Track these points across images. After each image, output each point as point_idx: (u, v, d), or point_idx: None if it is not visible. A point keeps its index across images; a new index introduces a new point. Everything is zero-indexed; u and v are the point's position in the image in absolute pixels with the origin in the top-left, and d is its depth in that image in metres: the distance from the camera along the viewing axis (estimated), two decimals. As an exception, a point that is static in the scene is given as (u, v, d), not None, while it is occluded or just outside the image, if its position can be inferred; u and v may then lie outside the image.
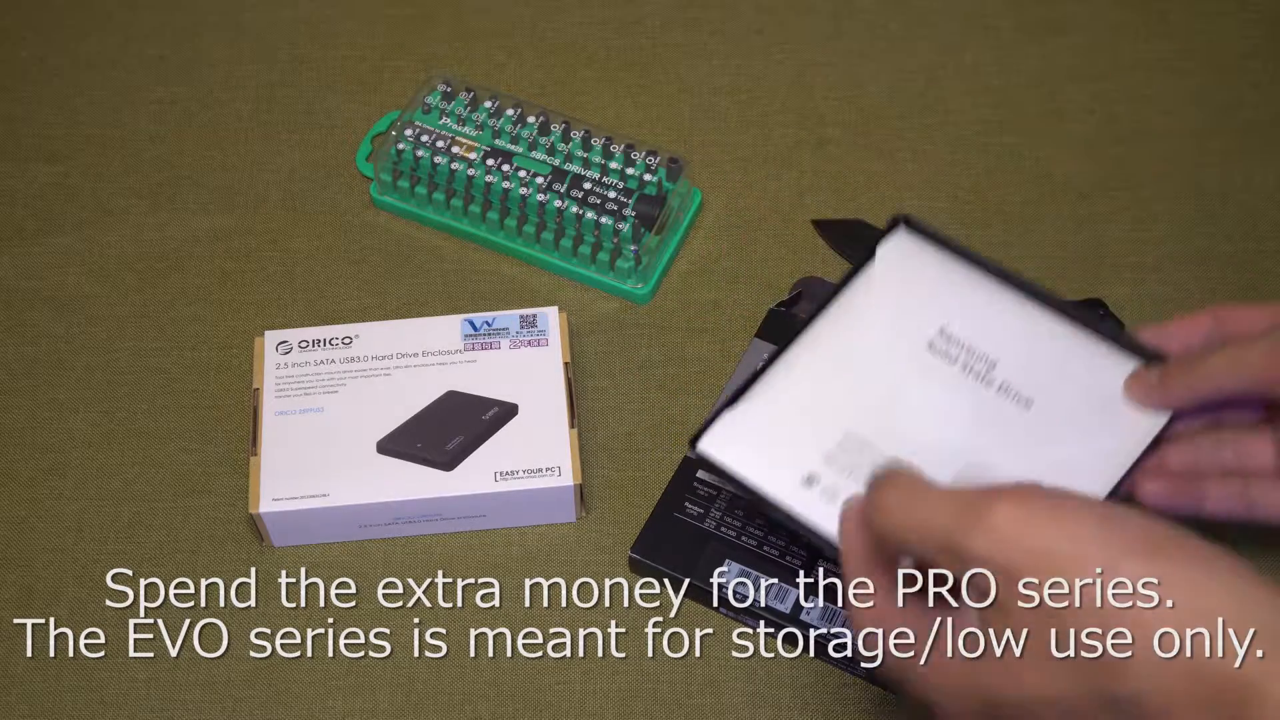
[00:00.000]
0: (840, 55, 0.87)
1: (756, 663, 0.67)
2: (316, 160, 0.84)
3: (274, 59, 0.88)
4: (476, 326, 0.74)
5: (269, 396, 0.71)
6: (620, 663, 0.68)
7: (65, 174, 0.83)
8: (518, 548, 0.71)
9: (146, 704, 0.67)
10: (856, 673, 0.67)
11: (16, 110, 0.86)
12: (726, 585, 0.67)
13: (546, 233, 0.77)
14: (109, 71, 0.87)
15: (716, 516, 0.69)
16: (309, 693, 0.67)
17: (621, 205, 0.76)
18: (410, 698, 0.67)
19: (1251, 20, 0.87)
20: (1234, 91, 0.84)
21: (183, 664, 0.68)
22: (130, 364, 0.77)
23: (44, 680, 0.68)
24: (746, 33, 0.88)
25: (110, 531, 0.72)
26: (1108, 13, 0.87)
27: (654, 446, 0.73)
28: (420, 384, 0.72)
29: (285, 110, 0.86)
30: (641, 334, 0.77)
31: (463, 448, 0.69)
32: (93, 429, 0.75)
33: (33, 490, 0.73)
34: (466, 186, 0.78)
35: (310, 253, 0.80)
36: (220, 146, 0.84)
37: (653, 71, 0.86)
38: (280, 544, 0.71)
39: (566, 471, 0.69)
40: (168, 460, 0.74)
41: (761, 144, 0.83)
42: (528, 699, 0.67)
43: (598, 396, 0.75)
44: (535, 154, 0.78)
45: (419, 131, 0.79)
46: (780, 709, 0.66)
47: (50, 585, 0.70)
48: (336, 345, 0.73)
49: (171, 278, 0.80)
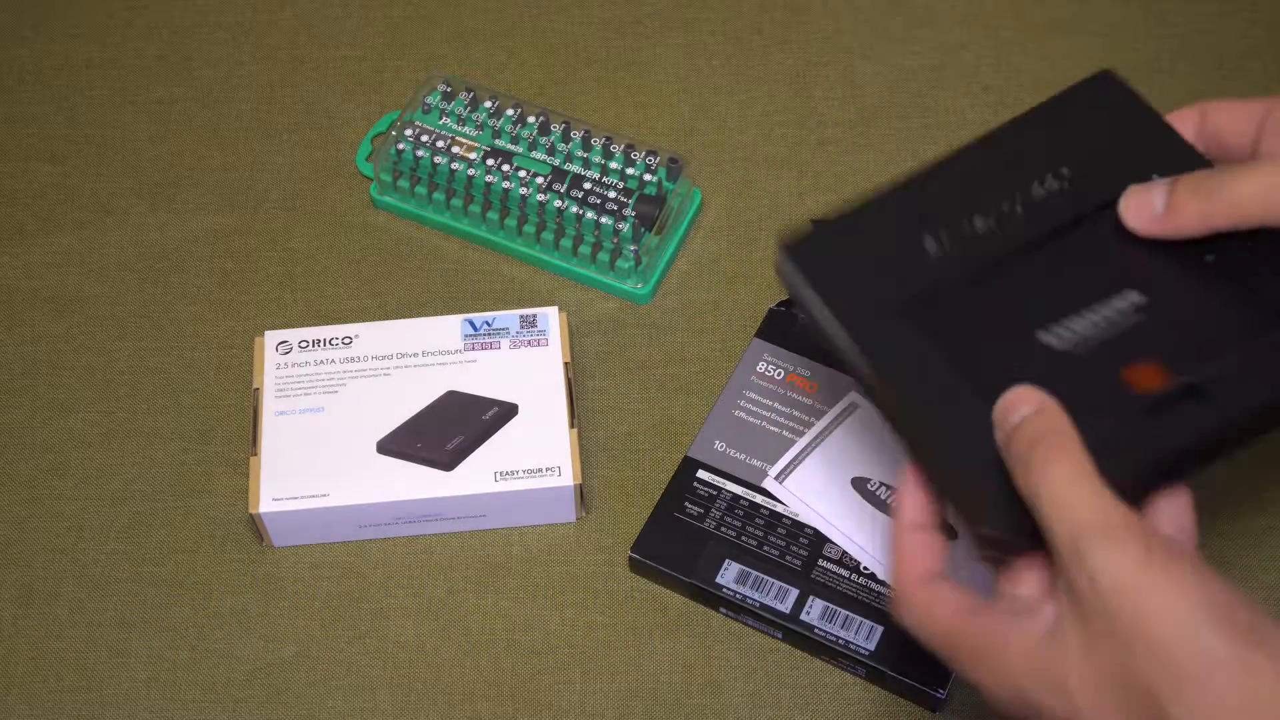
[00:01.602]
0: (840, 55, 0.87)
1: (756, 663, 0.67)
2: (316, 160, 0.84)
3: (274, 59, 0.88)
4: (476, 326, 0.74)
5: (269, 396, 0.71)
6: (620, 663, 0.68)
7: (65, 174, 0.83)
8: (518, 548, 0.71)
9: (146, 704, 0.67)
10: (857, 673, 0.67)
11: (16, 110, 0.86)
12: (726, 585, 0.67)
13: (546, 233, 0.77)
14: (109, 71, 0.87)
15: (716, 516, 0.69)
16: (309, 693, 0.67)
17: (621, 205, 0.76)
18: (410, 698, 0.67)
19: (1251, 20, 0.87)
20: (1234, 92, 0.84)
21: (183, 664, 0.68)
22: (130, 364, 0.77)
23: (44, 680, 0.68)
24: (746, 33, 0.88)
25: (110, 531, 0.72)
26: (1108, 13, 0.87)
27: (654, 446, 0.73)
28: (420, 384, 0.72)
29: (285, 110, 0.86)
30: (641, 334, 0.77)
31: (463, 448, 0.69)
32: (93, 429, 0.75)
33: (33, 490, 0.73)
34: (466, 186, 0.78)
35: (310, 253, 0.80)
36: (220, 146, 0.84)
37: (653, 71, 0.86)
38: (280, 544, 0.71)
39: (566, 471, 0.69)
40: (168, 460, 0.74)
41: (761, 144, 0.83)
42: (528, 699, 0.67)
43: (598, 396, 0.75)
44: (535, 154, 0.78)
45: (419, 131, 0.79)
46: (780, 709, 0.66)
47: (50, 585, 0.70)
48: (336, 345, 0.73)
49: (171, 278, 0.80)
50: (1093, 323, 0.51)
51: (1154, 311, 0.51)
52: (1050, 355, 0.51)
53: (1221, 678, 0.42)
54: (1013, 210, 0.55)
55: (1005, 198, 0.55)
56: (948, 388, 0.51)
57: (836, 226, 0.56)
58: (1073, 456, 0.46)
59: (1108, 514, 0.45)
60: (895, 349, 0.52)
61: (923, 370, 0.51)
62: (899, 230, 0.55)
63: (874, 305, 0.53)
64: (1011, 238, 0.54)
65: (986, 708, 0.66)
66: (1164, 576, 0.43)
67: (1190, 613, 0.43)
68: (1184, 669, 0.43)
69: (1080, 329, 0.51)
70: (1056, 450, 0.46)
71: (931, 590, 0.49)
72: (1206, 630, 0.43)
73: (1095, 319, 0.52)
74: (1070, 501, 0.45)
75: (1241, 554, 0.69)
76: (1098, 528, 0.44)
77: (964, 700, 0.66)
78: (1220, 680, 0.42)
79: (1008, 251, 0.54)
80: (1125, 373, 0.50)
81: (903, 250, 0.54)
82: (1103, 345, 0.51)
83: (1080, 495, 0.45)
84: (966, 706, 0.66)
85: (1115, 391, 0.50)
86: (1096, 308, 0.52)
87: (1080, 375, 0.50)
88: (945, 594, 0.49)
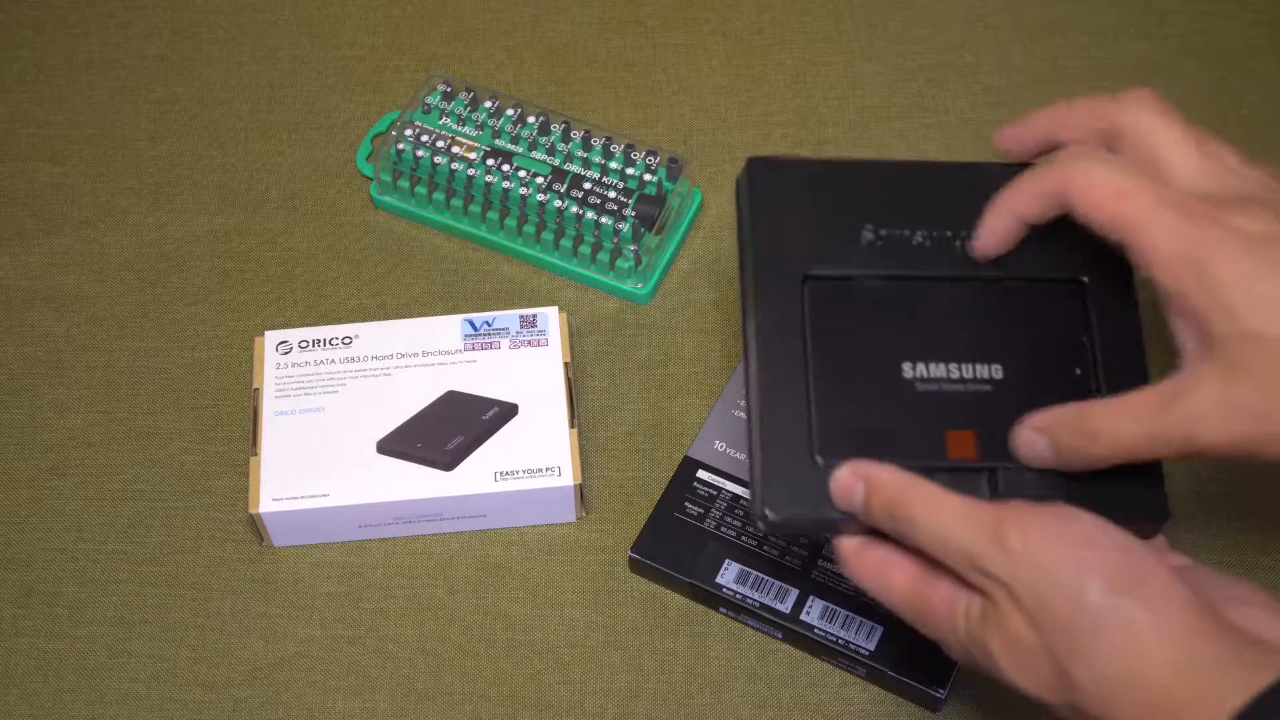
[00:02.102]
0: (840, 55, 0.87)
1: (756, 663, 0.67)
2: (316, 160, 0.84)
3: (274, 59, 0.88)
4: (476, 326, 0.74)
5: (269, 396, 0.71)
6: (620, 663, 0.68)
7: (65, 174, 0.83)
8: (518, 548, 0.71)
9: (146, 704, 0.67)
10: (857, 672, 0.67)
11: (16, 110, 0.86)
12: (726, 585, 0.67)
13: (546, 233, 0.77)
14: (109, 71, 0.87)
15: (716, 516, 0.69)
16: (309, 693, 0.67)
17: (621, 205, 0.76)
18: (410, 698, 0.67)
19: (1251, 20, 0.87)
20: (1234, 91, 0.84)
21: (183, 664, 0.68)
22: (130, 364, 0.77)
23: (44, 680, 0.68)
24: (746, 33, 0.88)
25: (110, 531, 0.72)
26: (1107, 13, 0.87)
27: (654, 446, 0.73)
28: (420, 384, 0.72)
29: (285, 110, 0.86)
30: (641, 334, 0.77)
31: (463, 448, 0.69)
32: (93, 429, 0.75)
33: (33, 490, 0.73)
34: (466, 186, 0.78)
35: (310, 253, 0.80)
36: (220, 146, 0.84)
37: (653, 71, 0.86)
38: (280, 544, 0.71)
39: (566, 471, 0.69)
40: (168, 460, 0.74)
41: (761, 144, 0.83)
42: (528, 699, 0.67)
43: (598, 396, 0.75)
44: (535, 154, 0.78)
45: (419, 131, 0.79)
46: (780, 709, 0.66)
47: (50, 585, 0.70)
48: (336, 345, 0.73)
49: (171, 278, 0.80)
50: (951, 376, 0.54)
51: (1004, 390, 0.54)
52: (900, 386, 0.54)
53: (1106, 635, 0.46)
54: (953, 241, 0.56)
55: (953, 226, 0.56)
56: (791, 374, 0.54)
57: (806, 170, 0.57)
58: (920, 500, 0.50)
59: (978, 525, 0.49)
60: (778, 308, 0.55)
61: (785, 341, 0.54)
62: (850, 207, 0.57)
63: (789, 259, 0.56)
64: (938, 265, 0.56)
65: (986, 708, 0.66)
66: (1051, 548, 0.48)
67: (1076, 577, 0.47)
68: (1077, 633, 0.47)
69: (938, 376, 0.54)
70: (904, 508, 0.50)
71: (883, 553, 0.53)
72: (1093, 590, 0.47)
73: (956, 374, 0.55)
74: (944, 537, 0.49)
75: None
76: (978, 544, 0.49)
77: (964, 700, 0.66)
78: (1106, 639, 0.46)
79: (928, 275, 0.56)
80: (948, 433, 0.53)
81: (843, 226, 0.56)
82: (949, 399, 0.54)
83: (950, 527, 0.49)
84: (966, 706, 0.66)
85: (931, 445, 0.53)
86: (963, 365, 0.55)
87: (916, 416, 0.54)
88: (895, 557, 0.52)
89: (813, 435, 0.53)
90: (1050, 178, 0.51)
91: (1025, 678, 0.49)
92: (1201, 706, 0.45)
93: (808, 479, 0.53)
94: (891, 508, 0.51)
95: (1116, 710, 0.46)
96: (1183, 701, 0.45)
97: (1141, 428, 0.48)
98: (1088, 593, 0.47)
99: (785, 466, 0.53)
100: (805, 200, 0.57)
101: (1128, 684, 0.46)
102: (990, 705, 0.66)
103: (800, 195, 0.57)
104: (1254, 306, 0.46)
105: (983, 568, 0.48)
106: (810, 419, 0.54)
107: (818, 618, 0.66)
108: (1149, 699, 0.46)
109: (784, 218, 0.56)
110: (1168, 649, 0.46)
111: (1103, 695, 0.47)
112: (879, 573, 0.52)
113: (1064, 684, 0.48)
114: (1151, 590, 0.47)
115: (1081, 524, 0.48)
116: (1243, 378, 0.46)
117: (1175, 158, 0.51)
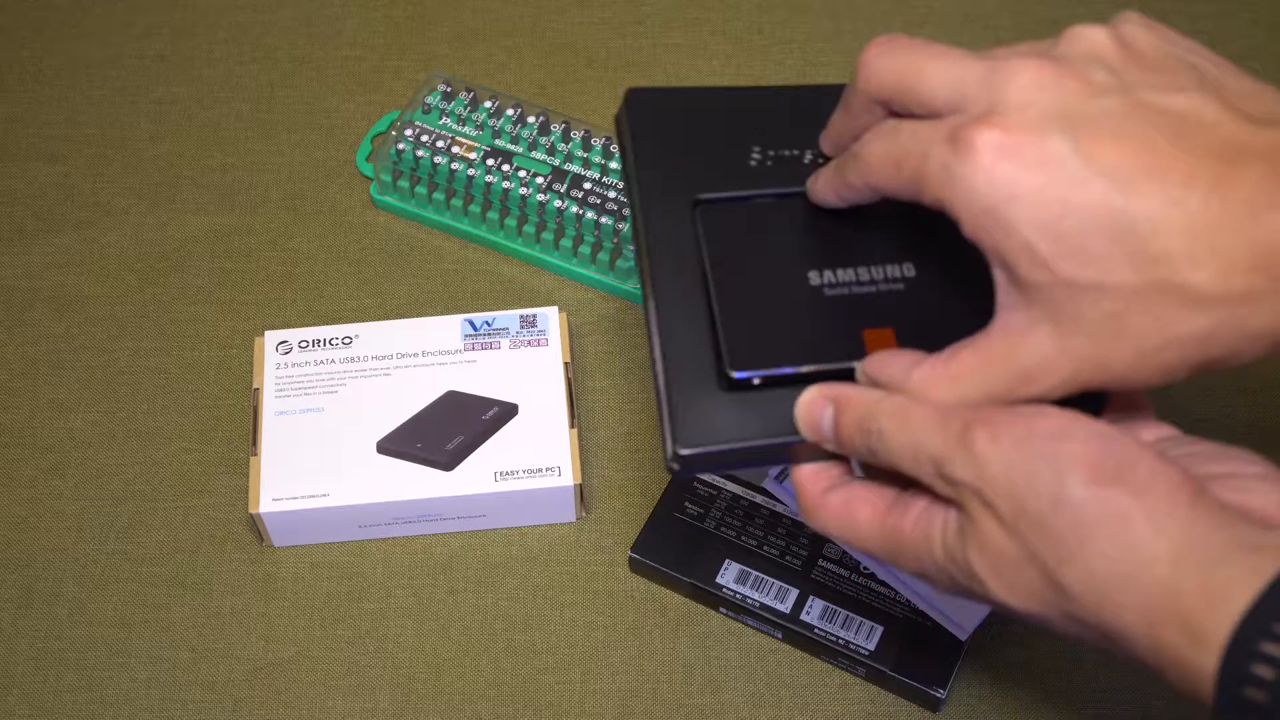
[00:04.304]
0: (840, 55, 0.87)
1: (756, 663, 0.67)
2: (316, 160, 0.84)
3: (274, 59, 0.88)
4: (476, 326, 0.74)
5: (269, 396, 0.71)
6: (620, 663, 0.68)
7: (65, 174, 0.83)
8: (518, 548, 0.71)
9: (146, 704, 0.67)
10: (857, 673, 0.67)
11: (16, 110, 0.86)
12: (726, 585, 0.67)
13: (546, 233, 0.77)
14: (109, 71, 0.87)
15: (716, 516, 0.69)
16: (309, 693, 0.67)
17: (621, 205, 0.76)
18: (410, 698, 0.67)
19: (1251, 20, 0.87)
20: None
21: (183, 664, 0.68)
22: (130, 364, 0.77)
23: (44, 680, 0.68)
24: (746, 33, 0.88)
25: (110, 531, 0.72)
26: (1107, 13, 0.87)
27: (654, 446, 0.73)
28: (420, 384, 0.72)
29: (285, 110, 0.86)
30: (641, 334, 0.77)
31: (463, 448, 0.69)
32: (93, 429, 0.75)
33: (33, 490, 0.73)
34: (466, 186, 0.78)
35: (310, 253, 0.80)
36: (220, 146, 0.84)
37: (653, 71, 0.86)
38: (280, 544, 0.71)
39: (566, 471, 0.69)
40: (168, 460, 0.74)
41: (761, 144, 0.83)
42: (528, 699, 0.67)
43: (598, 396, 0.75)
44: (535, 154, 0.78)
45: (419, 131, 0.79)
46: (780, 709, 0.66)
47: (50, 585, 0.70)
48: (336, 345, 0.73)
49: (171, 278, 0.80)
50: (861, 279, 0.53)
51: (916, 287, 0.53)
52: (808, 293, 0.52)
53: (1095, 532, 0.42)
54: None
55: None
56: (692, 301, 0.52)
57: (686, 98, 0.56)
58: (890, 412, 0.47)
59: (947, 430, 0.45)
60: (671, 236, 0.53)
61: (681, 267, 0.53)
62: (735, 130, 0.56)
63: (677, 185, 0.54)
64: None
65: (986, 708, 0.66)
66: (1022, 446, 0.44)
67: (1053, 473, 0.43)
68: (1061, 534, 0.43)
69: (847, 280, 0.53)
70: (875, 420, 0.47)
71: (845, 493, 0.50)
72: (1074, 485, 0.43)
73: (866, 276, 0.53)
74: (916, 444, 0.46)
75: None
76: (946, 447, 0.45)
77: (964, 700, 0.66)
78: (1095, 536, 0.42)
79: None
80: (865, 332, 0.52)
81: (729, 150, 0.55)
82: (861, 301, 0.52)
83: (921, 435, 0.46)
84: (966, 706, 0.66)
85: (850, 346, 0.51)
86: (873, 267, 0.53)
87: (828, 319, 0.52)
88: (860, 493, 0.49)
89: (722, 358, 0.51)
90: (851, 171, 0.50)
91: (1012, 593, 0.45)
92: (1208, 600, 0.41)
93: (719, 409, 0.50)
94: (865, 422, 0.48)
95: (1117, 614, 0.42)
96: (1187, 596, 0.41)
97: (980, 391, 0.46)
98: (1068, 488, 0.43)
99: (695, 399, 0.51)
100: (689, 128, 0.55)
101: (1124, 583, 0.42)
102: (990, 705, 0.66)
103: (683, 123, 0.55)
104: (1060, 246, 0.43)
105: (950, 474, 0.45)
106: (718, 343, 0.51)
107: (818, 618, 0.66)
108: (1150, 597, 0.42)
109: (668, 146, 0.55)
110: (1164, 539, 0.42)
111: (1099, 599, 0.43)
112: (844, 514, 0.49)
113: (1055, 593, 0.44)
114: (1139, 476, 0.43)
115: (1052, 417, 0.44)
116: (1071, 329, 0.44)
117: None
